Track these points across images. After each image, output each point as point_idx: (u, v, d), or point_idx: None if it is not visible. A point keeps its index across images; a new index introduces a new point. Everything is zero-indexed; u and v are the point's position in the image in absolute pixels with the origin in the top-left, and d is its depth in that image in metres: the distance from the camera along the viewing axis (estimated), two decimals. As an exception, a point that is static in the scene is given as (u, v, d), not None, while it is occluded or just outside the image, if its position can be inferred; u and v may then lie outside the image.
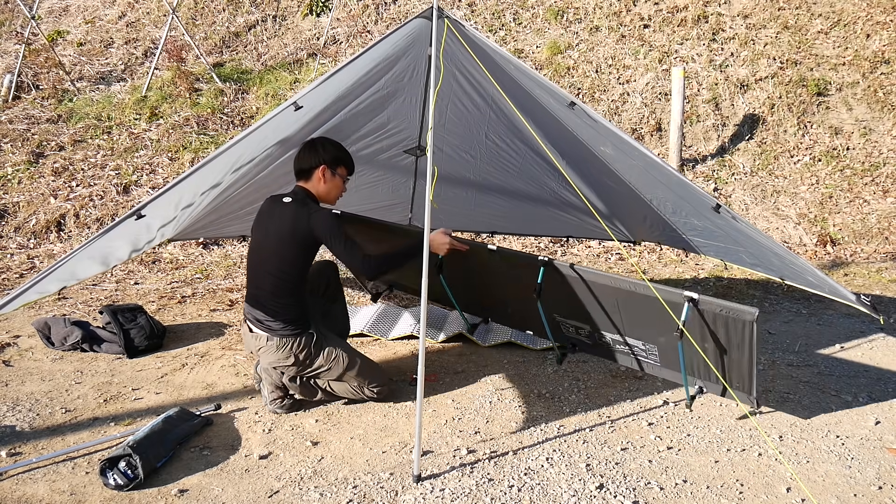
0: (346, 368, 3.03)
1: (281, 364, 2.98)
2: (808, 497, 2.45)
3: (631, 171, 3.56)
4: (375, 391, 3.12)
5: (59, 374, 3.53)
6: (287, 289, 2.97)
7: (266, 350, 2.98)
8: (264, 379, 3.08)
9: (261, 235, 3.06)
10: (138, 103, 7.74)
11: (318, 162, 3.02)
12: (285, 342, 2.94)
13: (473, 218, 4.95)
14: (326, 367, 3.02)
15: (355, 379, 3.07)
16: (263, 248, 3.03)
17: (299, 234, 2.92)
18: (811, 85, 7.71)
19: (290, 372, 3.02)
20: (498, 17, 8.78)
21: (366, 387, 3.10)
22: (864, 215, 6.73)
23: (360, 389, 3.10)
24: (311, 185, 3.06)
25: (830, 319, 4.53)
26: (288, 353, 2.95)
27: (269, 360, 2.99)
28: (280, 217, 2.99)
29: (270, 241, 2.99)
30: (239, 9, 9.36)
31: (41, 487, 2.49)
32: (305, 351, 2.97)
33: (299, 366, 2.99)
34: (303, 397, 3.12)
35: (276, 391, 3.07)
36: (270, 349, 2.96)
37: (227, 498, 2.44)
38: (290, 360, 2.96)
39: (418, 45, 3.13)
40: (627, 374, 3.59)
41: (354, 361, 3.05)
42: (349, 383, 3.09)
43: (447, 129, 3.87)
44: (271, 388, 3.06)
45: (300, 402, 3.16)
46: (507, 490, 2.48)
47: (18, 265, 5.63)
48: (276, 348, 2.95)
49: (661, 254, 6.25)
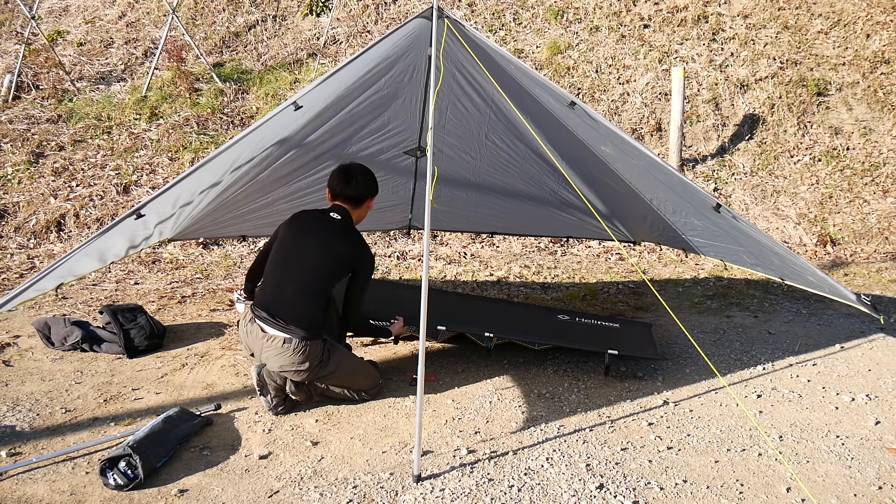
0: (351, 374, 3.16)
1: (294, 367, 2.97)
2: (808, 497, 2.45)
3: (631, 170, 3.56)
4: (369, 397, 3.24)
5: (59, 374, 3.53)
6: (316, 298, 3.06)
7: (280, 353, 2.96)
8: (268, 383, 3.06)
9: (300, 243, 3.12)
10: (138, 103, 7.74)
11: (372, 193, 3.24)
12: (304, 346, 2.96)
13: (473, 218, 4.96)
14: (334, 372, 3.08)
15: (354, 384, 3.19)
16: (303, 256, 3.09)
17: (346, 257, 3.09)
18: (811, 85, 7.72)
19: (300, 376, 3.01)
20: (498, 17, 8.78)
21: (363, 391, 3.22)
22: (864, 215, 6.74)
23: (356, 393, 3.21)
24: (357, 212, 3.23)
25: (830, 319, 4.53)
26: (304, 358, 2.96)
27: (280, 362, 2.97)
28: (330, 233, 3.11)
29: (313, 252, 3.07)
30: (239, 9, 9.36)
31: (41, 487, 2.49)
32: (320, 357, 3.01)
33: (312, 370, 3.00)
34: (299, 400, 3.13)
35: (279, 394, 3.08)
36: (286, 352, 2.95)
37: (227, 498, 2.44)
38: (304, 365, 2.97)
39: (418, 45, 3.13)
40: (627, 374, 3.59)
41: (358, 369, 3.21)
42: (348, 388, 3.18)
43: (447, 129, 3.87)
44: (274, 392, 3.06)
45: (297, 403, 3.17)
46: (507, 490, 2.48)
47: (18, 265, 5.63)
48: (293, 351, 2.95)
49: (661, 254, 6.25)
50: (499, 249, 6.48)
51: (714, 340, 4.14)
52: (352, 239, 3.12)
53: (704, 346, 4.00)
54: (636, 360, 3.74)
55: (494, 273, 5.74)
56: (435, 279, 5.56)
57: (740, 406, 3.17)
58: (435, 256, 6.13)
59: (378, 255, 6.04)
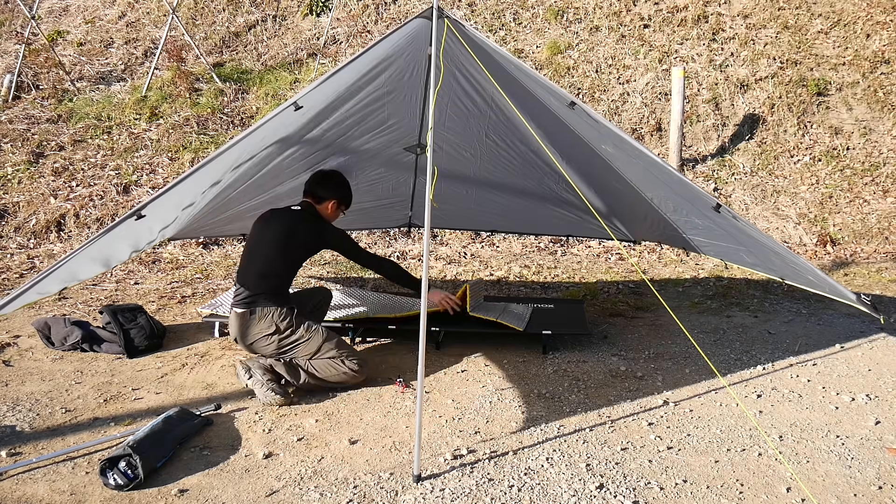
0: (324, 340, 3.26)
1: (263, 334, 3.22)
2: (808, 497, 2.45)
3: (631, 169, 3.56)
4: (355, 365, 3.28)
5: (59, 374, 3.53)
6: (274, 275, 3.32)
7: (249, 324, 3.23)
8: (251, 367, 3.19)
9: (265, 230, 3.40)
10: (138, 103, 7.74)
11: (332, 196, 3.49)
12: (268, 311, 3.22)
13: (473, 217, 4.96)
14: (306, 337, 3.25)
15: (334, 350, 3.27)
16: (265, 238, 3.36)
17: (306, 236, 3.36)
18: (811, 85, 7.72)
19: (272, 345, 3.23)
20: (498, 17, 8.78)
21: (345, 359, 3.27)
22: (864, 215, 6.74)
23: (339, 362, 3.26)
24: (321, 208, 3.50)
25: (830, 319, 4.53)
26: (269, 323, 3.22)
27: (252, 332, 3.23)
28: (290, 218, 3.39)
29: (274, 233, 3.34)
30: (239, 9, 9.36)
31: (41, 487, 2.49)
32: (287, 321, 3.24)
33: (280, 334, 3.23)
34: (289, 378, 3.20)
35: (268, 374, 3.19)
36: (253, 321, 3.22)
37: (227, 498, 2.44)
38: (271, 329, 3.22)
39: (418, 45, 3.13)
40: (627, 374, 3.59)
41: (332, 335, 3.33)
42: (327, 355, 3.25)
43: (447, 127, 3.87)
44: (262, 373, 3.17)
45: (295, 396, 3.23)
46: (507, 490, 2.48)
47: (18, 265, 5.63)
48: (259, 319, 3.22)
49: (662, 254, 6.25)
50: (499, 249, 6.48)
51: (714, 340, 4.14)
52: (310, 220, 3.40)
53: (704, 346, 4.00)
54: (625, 356, 3.74)
55: (494, 273, 5.74)
56: (435, 279, 5.56)
57: (740, 406, 3.17)
58: (435, 256, 6.13)
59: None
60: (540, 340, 3.89)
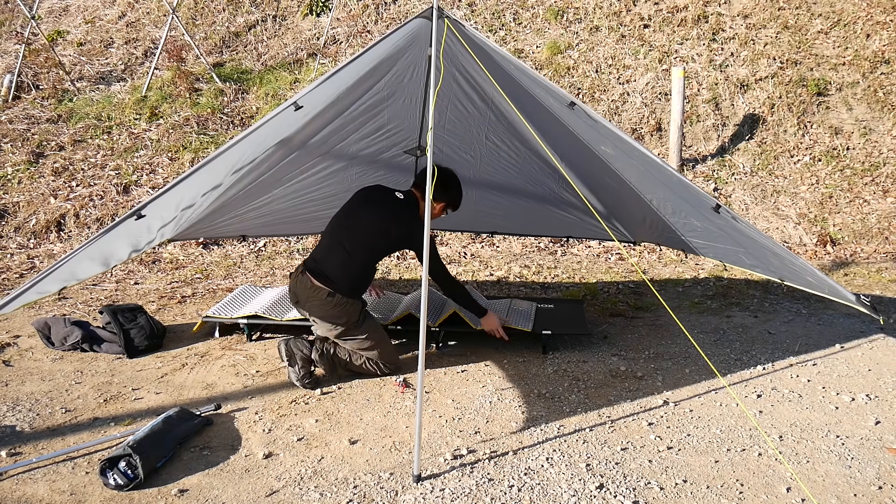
0: (377, 342, 3.43)
1: (332, 320, 3.32)
2: (808, 497, 2.45)
3: (631, 171, 3.56)
4: (388, 370, 3.49)
5: (59, 374, 3.53)
6: (360, 267, 3.40)
7: (323, 304, 3.29)
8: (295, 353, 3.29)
9: (359, 212, 3.44)
10: (138, 103, 7.74)
11: (443, 199, 3.49)
12: (345, 302, 3.31)
13: (473, 218, 4.95)
14: (364, 335, 3.38)
15: (377, 351, 3.43)
16: (357, 225, 3.39)
17: (395, 238, 3.38)
18: (811, 85, 7.72)
19: (334, 330, 3.34)
20: (498, 17, 8.78)
21: (383, 364, 3.46)
22: (864, 215, 6.74)
23: (375, 364, 3.44)
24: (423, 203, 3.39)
25: (830, 319, 4.53)
26: (342, 312, 3.31)
27: (322, 313, 3.32)
28: (389, 212, 3.39)
29: (366, 223, 3.38)
30: (239, 9, 9.36)
31: (41, 487, 2.49)
32: (357, 317, 3.35)
33: (348, 327, 3.34)
34: (323, 372, 3.42)
35: (306, 366, 3.32)
36: (328, 304, 3.29)
37: (227, 498, 2.44)
38: (342, 319, 3.32)
39: (418, 45, 3.13)
40: (627, 374, 3.59)
41: (385, 339, 3.50)
42: (370, 354, 3.42)
43: (447, 129, 3.87)
44: (301, 363, 3.30)
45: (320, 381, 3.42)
46: (507, 490, 2.48)
47: (18, 265, 5.63)
48: (334, 305, 3.30)
49: (661, 254, 6.25)
50: (499, 249, 6.48)
51: (714, 340, 4.14)
52: (407, 219, 3.36)
53: (704, 346, 4.00)
54: (625, 356, 3.75)
55: (494, 273, 5.74)
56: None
57: (740, 406, 3.17)
58: (435, 256, 6.13)
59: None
60: (540, 340, 3.89)
